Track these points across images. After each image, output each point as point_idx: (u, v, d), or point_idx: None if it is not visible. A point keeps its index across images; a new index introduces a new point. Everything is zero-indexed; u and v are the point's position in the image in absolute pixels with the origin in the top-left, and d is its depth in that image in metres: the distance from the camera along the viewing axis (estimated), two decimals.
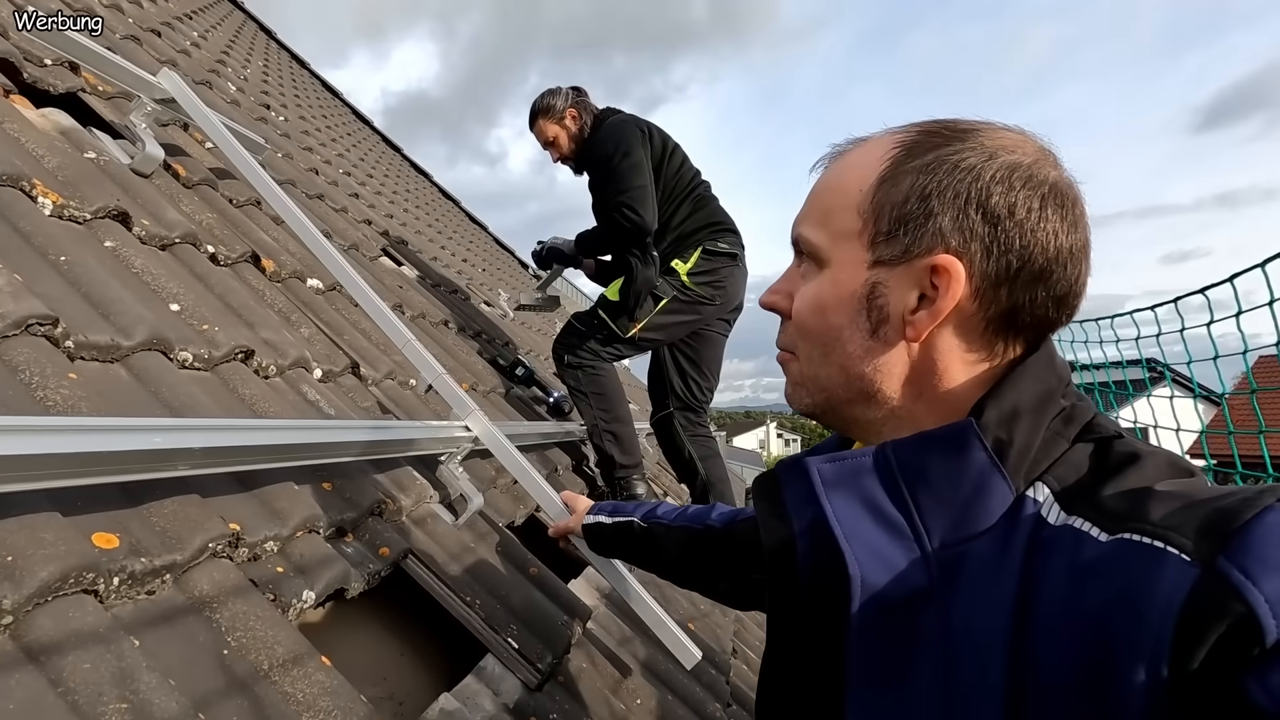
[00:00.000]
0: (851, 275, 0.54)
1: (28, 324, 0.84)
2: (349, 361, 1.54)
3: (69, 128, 1.44)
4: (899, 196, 0.52)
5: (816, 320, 0.56)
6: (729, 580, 1.01)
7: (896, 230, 0.52)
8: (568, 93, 2.38)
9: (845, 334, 0.55)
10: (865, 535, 0.50)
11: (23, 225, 1.03)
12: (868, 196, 0.54)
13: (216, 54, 3.55)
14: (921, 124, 0.56)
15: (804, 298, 0.58)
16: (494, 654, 1.09)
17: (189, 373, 1.09)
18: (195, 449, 0.73)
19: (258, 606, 0.78)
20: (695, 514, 1.04)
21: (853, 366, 0.55)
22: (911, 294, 0.52)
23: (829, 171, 0.59)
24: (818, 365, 0.57)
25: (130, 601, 0.69)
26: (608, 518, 1.18)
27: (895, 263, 0.52)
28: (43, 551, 0.61)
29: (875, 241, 0.53)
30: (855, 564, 0.50)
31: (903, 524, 0.50)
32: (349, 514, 1.07)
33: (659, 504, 1.12)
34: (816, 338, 0.57)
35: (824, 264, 0.56)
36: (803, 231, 0.58)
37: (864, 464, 0.53)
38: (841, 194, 0.55)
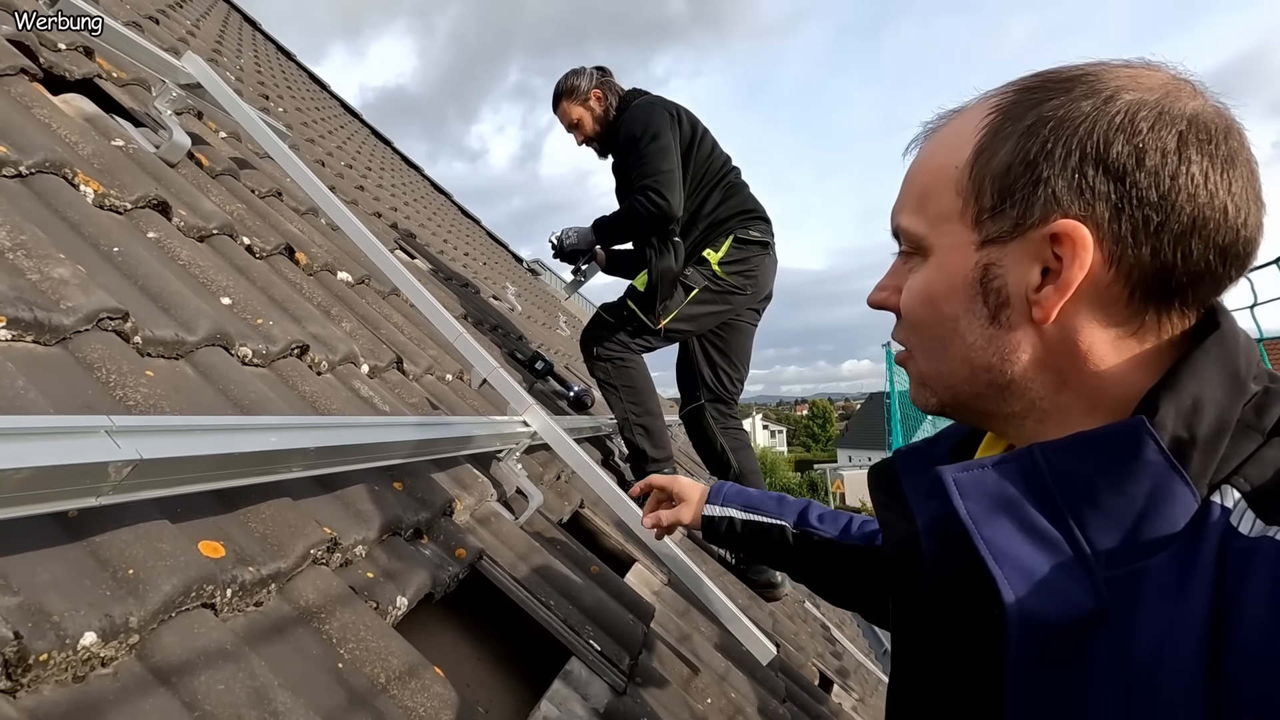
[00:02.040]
0: (959, 259, 0.50)
1: (99, 318, 0.78)
2: (393, 356, 1.48)
3: (93, 114, 1.36)
4: (999, 166, 0.47)
5: (928, 313, 0.52)
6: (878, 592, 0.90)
7: (1002, 203, 0.47)
8: (592, 73, 2.32)
9: (962, 323, 0.50)
10: (1017, 554, 0.45)
11: (70, 215, 0.97)
12: (964, 172, 0.49)
13: (211, 44, 3.44)
14: (1021, 80, 0.50)
15: (911, 291, 0.53)
16: (579, 657, 1.05)
17: (251, 369, 1.03)
18: (310, 449, 0.68)
19: (364, 615, 0.73)
20: (861, 529, 0.92)
21: (977, 357, 0.50)
22: (1032, 270, 0.47)
23: (921, 152, 0.55)
24: (938, 361, 0.53)
25: (242, 614, 0.64)
26: (739, 511, 1.00)
27: (1007, 238, 0.48)
28: (163, 563, 0.56)
29: (980, 219, 0.49)
30: (1010, 589, 0.44)
31: (1060, 540, 0.44)
32: (423, 514, 1.02)
33: (804, 503, 0.99)
34: (931, 331, 0.53)
35: (928, 252, 0.52)
36: (900, 221, 0.54)
37: (1009, 471, 0.47)
38: (936, 174, 0.51)
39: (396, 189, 4.71)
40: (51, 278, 0.78)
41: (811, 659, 2.30)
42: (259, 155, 2.06)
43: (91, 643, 0.48)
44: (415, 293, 1.38)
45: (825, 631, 2.94)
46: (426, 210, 5.18)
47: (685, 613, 1.67)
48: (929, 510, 0.55)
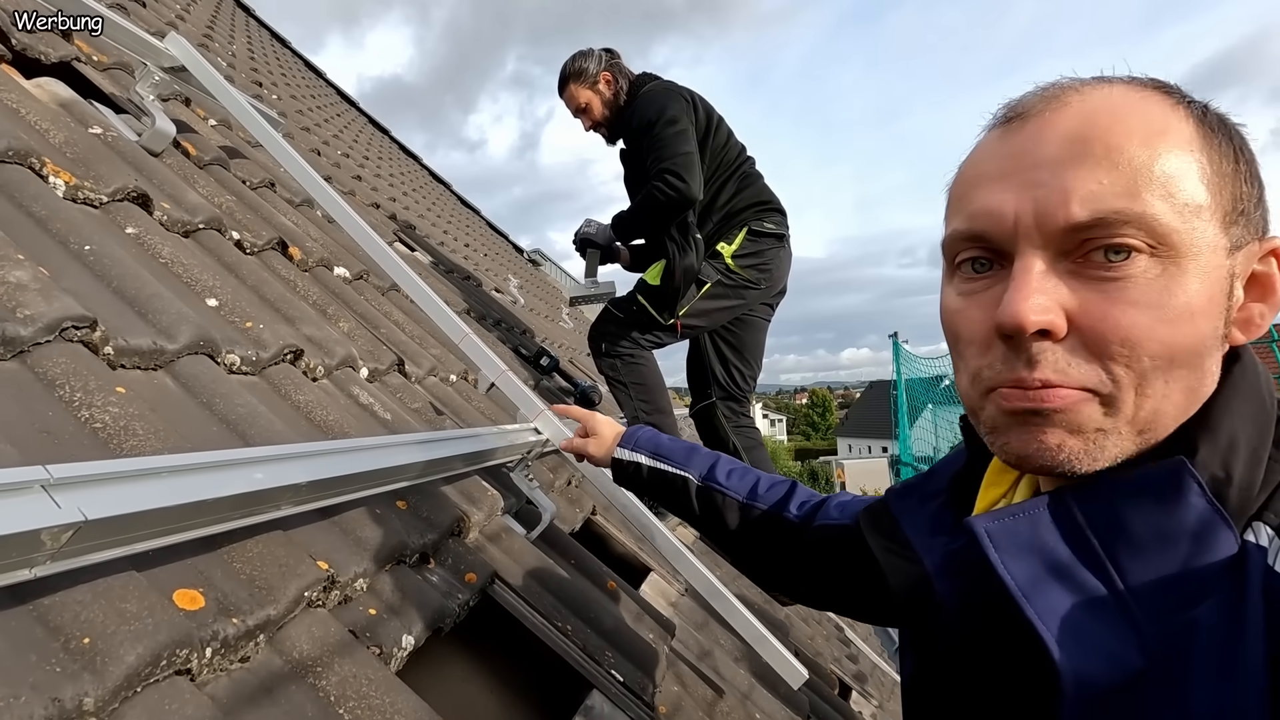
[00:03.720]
0: (1218, 265, 0.41)
1: (62, 327, 0.69)
2: (394, 358, 1.39)
3: (69, 100, 1.26)
4: (1229, 165, 0.42)
5: (1187, 334, 0.40)
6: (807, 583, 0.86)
7: (1240, 205, 0.42)
8: (601, 55, 2.20)
9: (1209, 344, 0.42)
10: (1061, 610, 0.41)
11: (37, 209, 0.87)
12: (1203, 162, 0.41)
13: (202, 29, 3.33)
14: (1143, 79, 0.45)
15: (1164, 308, 0.40)
16: (600, 690, 0.96)
17: (239, 378, 0.94)
18: (301, 484, 0.59)
19: (366, 666, 0.65)
20: (769, 493, 0.89)
21: (1204, 388, 0.43)
22: (1240, 284, 0.43)
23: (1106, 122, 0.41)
24: (1162, 397, 0.41)
25: (225, 675, 0.56)
26: (647, 458, 0.97)
27: (1240, 247, 0.42)
28: (127, 627, 0.47)
29: (1226, 221, 0.42)
30: (1060, 650, 0.40)
31: (1104, 593, 0.41)
32: (429, 536, 0.93)
33: (714, 456, 0.95)
34: (1184, 359, 0.41)
35: (1178, 253, 0.40)
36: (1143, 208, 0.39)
37: (1042, 519, 0.43)
38: (1174, 158, 0.40)
39: (395, 178, 4.60)
40: (7, 282, 0.68)
41: (829, 664, 2.22)
42: (250, 144, 1.96)
43: None
44: (417, 290, 1.29)
45: (839, 633, 2.87)
46: (425, 200, 5.07)
47: (704, 625, 1.60)
48: (936, 550, 0.53)
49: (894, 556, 0.57)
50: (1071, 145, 0.41)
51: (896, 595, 0.56)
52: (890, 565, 0.58)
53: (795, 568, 0.85)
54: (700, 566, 1.20)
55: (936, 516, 0.56)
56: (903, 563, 0.56)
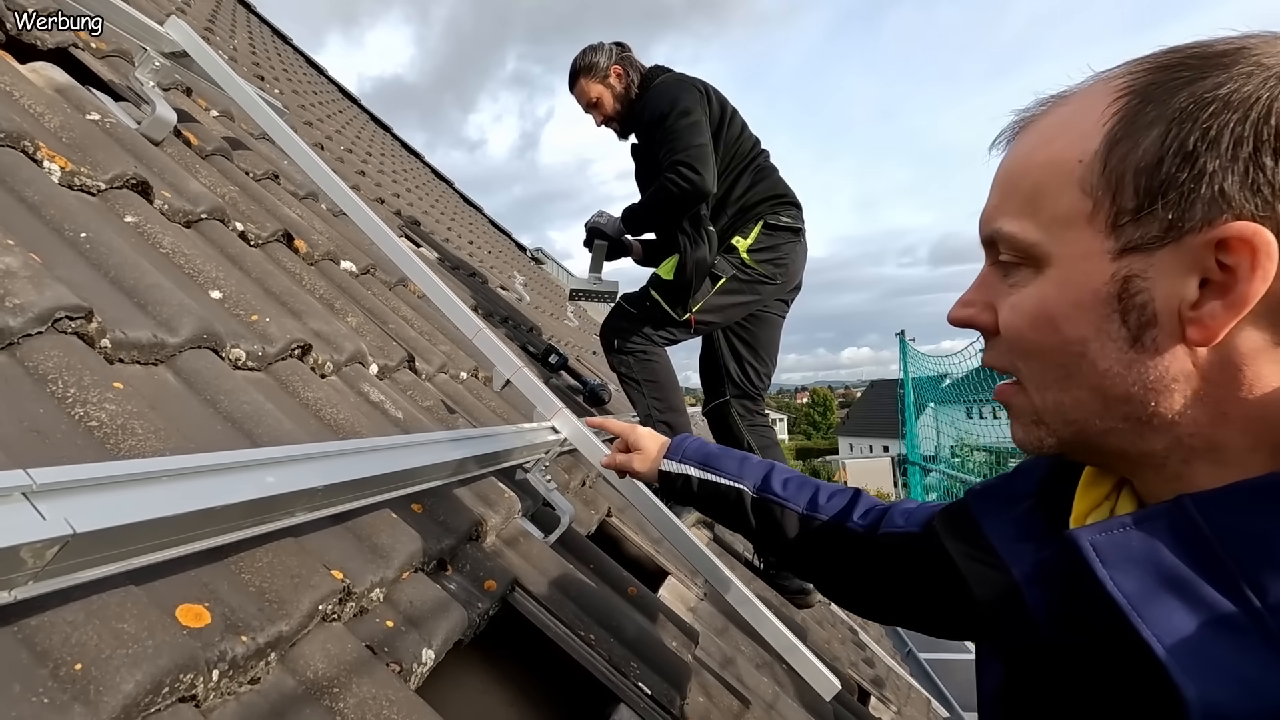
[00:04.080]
0: (1088, 271, 0.42)
1: (55, 318, 0.64)
2: (404, 354, 1.34)
3: (65, 84, 1.21)
4: (1146, 158, 0.40)
5: (1046, 336, 0.44)
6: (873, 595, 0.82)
7: (1150, 202, 0.40)
8: (611, 49, 2.15)
9: (1093, 347, 0.43)
10: (1187, 635, 0.37)
11: (30, 195, 0.82)
12: (1094, 166, 0.41)
13: (203, 22, 3.27)
14: (1150, 58, 0.43)
15: (1019, 309, 0.46)
16: (628, 705, 0.91)
17: (245, 374, 0.89)
18: (317, 489, 0.54)
19: (386, 686, 0.59)
20: (830, 503, 0.85)
21: (1113, 387, 0.43)
22: (1188, 282, 0.39)
23: (1022, 144, 0.47)
24: (1058, 392, 0.45)
25: (233, 699, 0.50)
26: (696, 470, 0.93)
27: (1156, 245, 0.40)
28: (123, 651, 0.42)
29: (1118, 223, 0.41)
30: (1189, 681, 0.36)
31: (1237, 614, 0.37)
32: (447, 541, 0.88)
33: (768, 465, 0.91)
34: (1050, 358, 0.45)
35: (1042, 263, 0.44)
36: (1000, 227, 0.46)
37: (1158, 530, 0.40)
38: (1051, 169, 0.43)
39: (398, 175, 4.55)
40: None
41: (847, 669, 2.17)
42: (254, 136, 1.91)
43: None
44: (430, 284, 1.23)
45: (854, 635, 2.81)
46: (429, 198, 5.02)
47: (724, 631, 1.54)
48: (1025, 557, 0.50)
49: (976, 563, 0.53)
50: (1004, 169, 0.47)
51: (980, 605, 0.52)
52: (973, 572, 0.53)
53: (861, 580, 0.80)
54: (729, 573, 1.15)
55: (1024, 520, 0.52)
56: (987, 570, 0.51)
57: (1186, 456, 0.43)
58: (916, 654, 3.89)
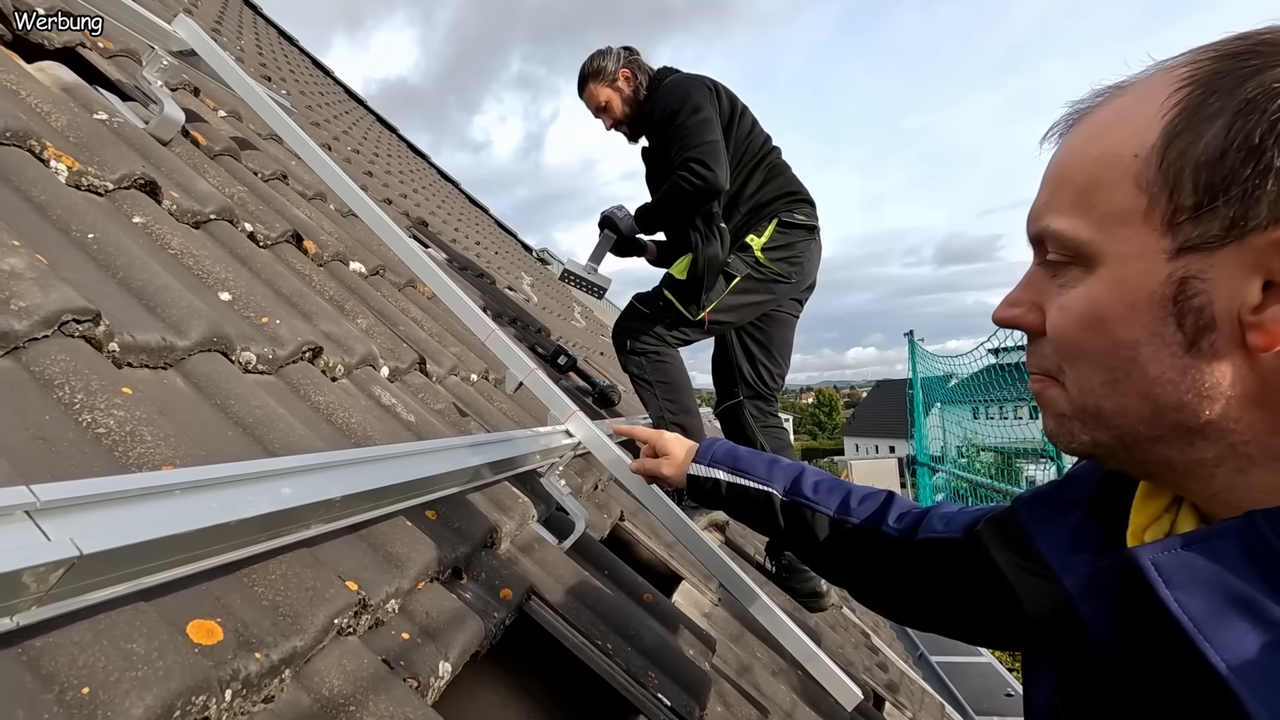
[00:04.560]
0: (1142, 271, 0.40)
1: (62, 320, 0.62)
2: (415, 357, 1.32)
3: (72, 84, 1.19)
4: (1208, 152, 0.38)
5: (1095, 337, 0.43)
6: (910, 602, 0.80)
7: (1211, 199, 0.38)
8: (619, 53, 2.13)
9: (1145, 352, 0.41)
10: (1258, 659, 0.35)
11: (36, 194, 0.80)
12: (1151, 160, 0.39)
13: (210, 23, 3.27)
14: (1217, 45, 0.40)
15: (1069, 310, 0.44)
16: (647, 716, 0.89)
17: (255, 378, 0.87)
18: (335, 500, 0.51)
19: (403, 703, 0.57)
20: (862, 506, 0.84)
21: (1164, 394, 0.41)
22: (1251, 284, 0.37)
23: (1075, 138, 0.45)
24: (1103, 396, 0.43)
25: (247, 719, 0.48)
26: (725, 474, 0.93)
27: (1215, 245, 0.38)
28: (133, 673, 0.39)
29: (1176, 220, 0.39)
30: (1261, 709, 0.34)
31: None
32: (462, 549, 0.86)
33: (798, 468, 0.90)
34: (1099, 361, 0.43)
35: (1094, 261, 0.42)
36: (1050, 223, 0.44)
37: (1226, 550, 0.38)
38: (1105, 164, 0.42)
39: (404, 176, 4.54)
40: (1, 270, 0.61)
41: (861, 674, 2.14)
42: (261, 135, 1.89)
43: None
44: (442, 285, 1.21)
45: (866, 640, 2.78)
46: (435, 198, 5.01)
47: (740, 637, 1.52)
48: (1079, 569, 0.48)
49: (1027, 574, 0.51)
50: (1055, 164, 0.46)
51: (1030, 618, 0.50)
52: (1023, 584, 0.51)
53: (897, 585, 0.78)
54: (746, 579, 1.12)
55: (1077, 531, 0.50)
56: (1039, 581, 0.49)
57: (1242, 465, 0.41)
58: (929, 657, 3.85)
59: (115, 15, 1.27)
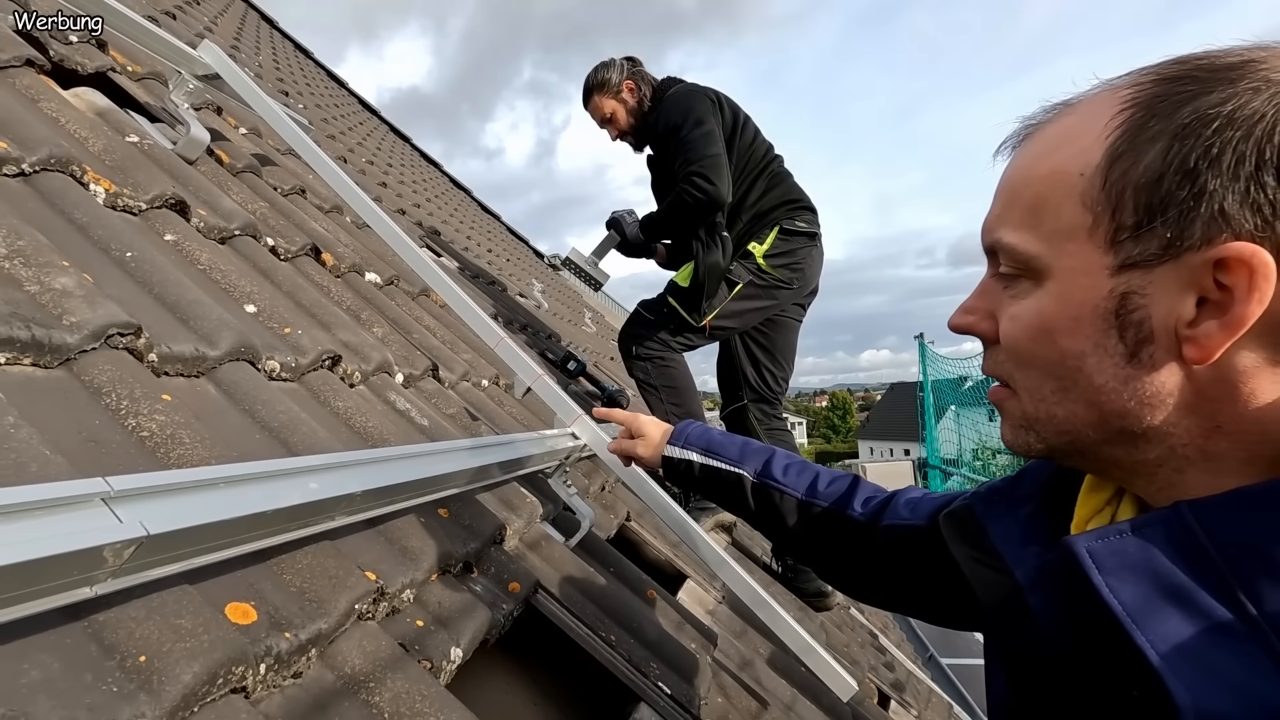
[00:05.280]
0: (1086, 285, 0.42)
1: (108, 334, 0.68)
2: (428, 363, 1.38)
3: (105, 108, 1.27)
4: (1147, 174, 0.39)
5: (1043, 347, 0.45)
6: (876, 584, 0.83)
7: (1150, 219, 0.39)
8: (622, 64, 2.19)
9: (1090, 362, 0.43)
10: (1181, 642, 0.38)
11: (79, 216, 0.87)
12: (1095, 179, 0.41)
13: (229, 41, 3.36)
14: (1158, 68, 0.42)
15: (1019, 320, 0.46)
16: (648, 704, 0.94)
17: (279, 385, 0.93)
18: (356, 494, 0.57)
19: (418, 680, 0.63)
20: (830, 489, 0.86)
21: (1108, 401, 0.43)
22: (1185, 300, 0.39)
23: (1025, 153, 0.47)
24: (1053, 403, 0.45)
25: (279, 692, 0.54)
26: (699, 455, 0.95)
27: (1154, 262, 0.40)
28: (182, 644, 0.45)
29: (1117, 238, 0.41)
30: (1184, 689, 0.37)
31: (1234, 622, 0.37)
32: (472, 545, 0.91)
33: (769, 451, 0.92)
34: (1047, 369, 0.45)
35: (1042, 275, 0.44)
36: (1002, 237, 0.46)
37: (1155, 536, 0.41)
38: (1053, 182, 0.43)
39: (418, 185, 4.63)
40: (53, 289, 0.67)
41: (867, 674, 2.17)
42: (280, 151, 1.97)
43: None
44: (452, 294, 1.27)
45: (874, 640, 2.81)
46: (447, 207, 5.09)
47: (743, 634, 1.56)
48: (1029, 561, 0.50)
49: (981, 567, 0.54)
50: (1006, 178, 0.47)
51: (987, 611, 0.53)
52: (977, 576, 0.54)
53: (862, 568, 0.81)
54: (745, 576, 1.17)
55: (1028, 524, 0.53)
56: (991, 573, 0.52)
57: (1180, 465, 0.43)
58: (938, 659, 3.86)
59: (145, 42, 1.35)
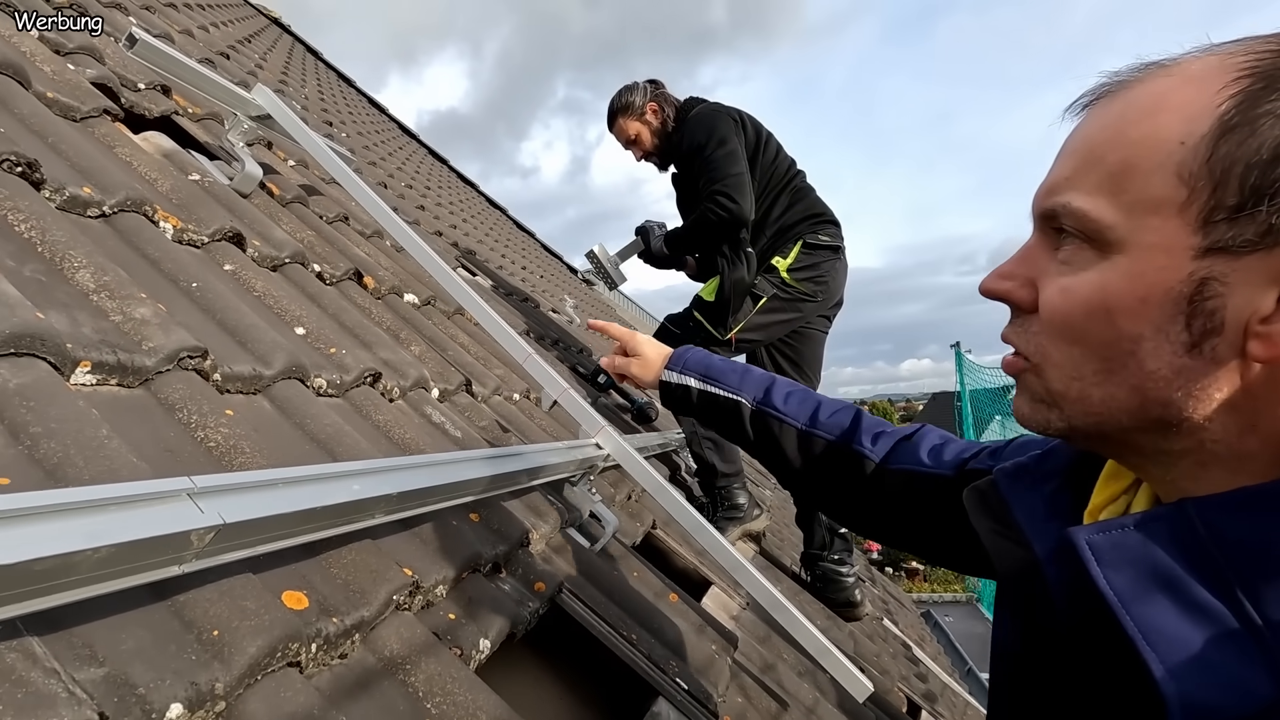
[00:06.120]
0: (1164, 266, 0.39)
1: (180, 357, 0.77)
2: (462, 379, 1.46)
3: (171, 150, 1.39)
4: (1262, 152, 0.36)
5: (1097, 325, 0.41)
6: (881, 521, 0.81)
7: (1256, 202, 0.36)
8: (645, 87, 2.28)
9: (1146, 346, 0.40)
10: (1175, 633, 0.38)
11: (151, 252, 0.97)
12: (1199, 150, 0.37)
13: (278, 75, 3.56)
14: (1275, 38, 0.39)
15: (1073, 294, 0.42)
16: (666, 698, 0.99)
17: (326, 400, 1.02)
18: (392, 495, 0.65)
19: (449, 665, 0.70)
20: (832, 420, 0.83)
21: (1155, 390, 0.40)
22: (1266, 295, 0.37)
23: (1110, 113, 0.42)
24: (1091, 384, 0.42)
25: (327, 669, 0.61)
26: (697, 381, 0.93)
27: (1246, 250, 0.37)
28: (248, 623, 0.53)
29: (1212, 218, 0.37)
30: (1170, 677, 0.37)
31: (1228, 616, 0.37)
32: (500, 548, 0.98)
33: (770, 379, 0.90)
34: (1095, 349, 0.42)
35: (1112, 248, 0.40)
36: (1071, 201, 0.42)
37: (1158, 532, 0.40)
38: (1146, 147, 0.39)
39: (455, 206, 4.79)
40: (134, 318, 0.77)
41: (897, 683, 2.18)
42: (325, 180, 2.09)
43: (177, 715, 0.45)
44: (482, 313, 1.36)
45: (906, 651, 2.80)
46: (483, 226, 5.25)
47: (766, 639, 1.60)
48: (1049, 536, 0.49)
49: (1002, 540, 0.53)
50: (1082, 137, 0.43)
51: (1003, 579, 0.54)
52: (997, 548, 0.54)
53: (867, 505, 0.80)
54: (761, 578, 1.21)
55: (1051, 499, 0.52)
56: (1011, 546, 0.52)
57: (1205, 460, 0.41)
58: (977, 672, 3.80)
59: (205, 89, 1.47)
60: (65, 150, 1.00)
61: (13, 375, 0.58)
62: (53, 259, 0.78)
